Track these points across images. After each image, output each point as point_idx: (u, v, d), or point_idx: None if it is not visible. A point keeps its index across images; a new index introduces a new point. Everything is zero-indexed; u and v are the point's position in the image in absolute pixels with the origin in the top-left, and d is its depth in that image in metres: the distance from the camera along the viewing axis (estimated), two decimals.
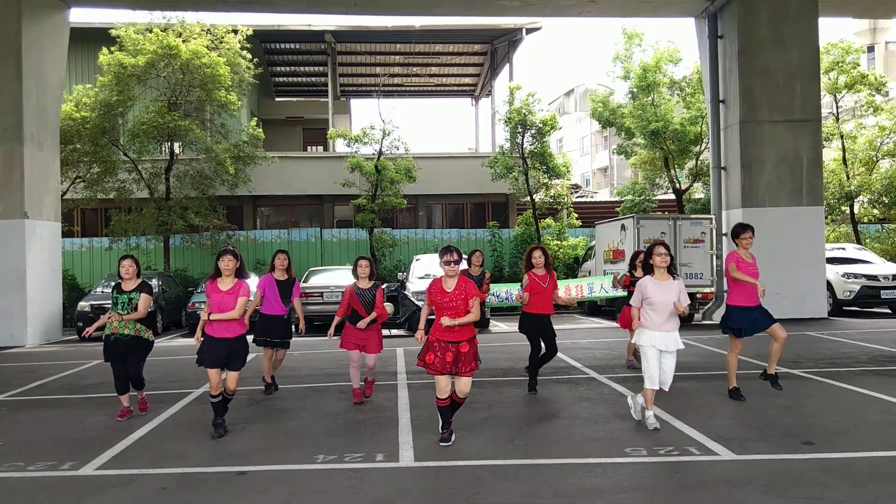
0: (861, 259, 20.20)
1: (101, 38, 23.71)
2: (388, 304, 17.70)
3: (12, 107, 17.16)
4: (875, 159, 26.27)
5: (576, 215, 26.94)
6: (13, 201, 17.15)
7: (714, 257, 18.24)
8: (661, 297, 7.21)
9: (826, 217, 21.35)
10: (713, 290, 18.05)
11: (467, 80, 37.47)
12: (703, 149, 25.38)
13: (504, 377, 10.55)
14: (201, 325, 7.56)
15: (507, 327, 17.89)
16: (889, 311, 19.77)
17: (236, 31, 23.72)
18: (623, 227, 19.08)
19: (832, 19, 22.19)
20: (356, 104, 45.39)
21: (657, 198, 27.93)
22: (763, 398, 8.56)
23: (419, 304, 17.67)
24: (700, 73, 23.30)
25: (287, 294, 9.56)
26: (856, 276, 19.07)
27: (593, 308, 21.43)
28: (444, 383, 6.85)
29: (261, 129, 24.60)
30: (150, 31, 22.16)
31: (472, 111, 39.92)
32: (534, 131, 24.91)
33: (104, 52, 22.12)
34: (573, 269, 24.22)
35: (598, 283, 18.18)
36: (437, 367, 6.78)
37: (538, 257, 9.31)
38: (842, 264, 19.55)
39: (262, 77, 27.08)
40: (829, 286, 18.99)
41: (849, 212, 26.14)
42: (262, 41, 29.64)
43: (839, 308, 19.18)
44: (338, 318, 9.05)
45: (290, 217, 30.72)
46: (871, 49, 50.76)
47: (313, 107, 38.07)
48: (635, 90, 25.90)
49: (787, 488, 5.46)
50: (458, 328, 6.76)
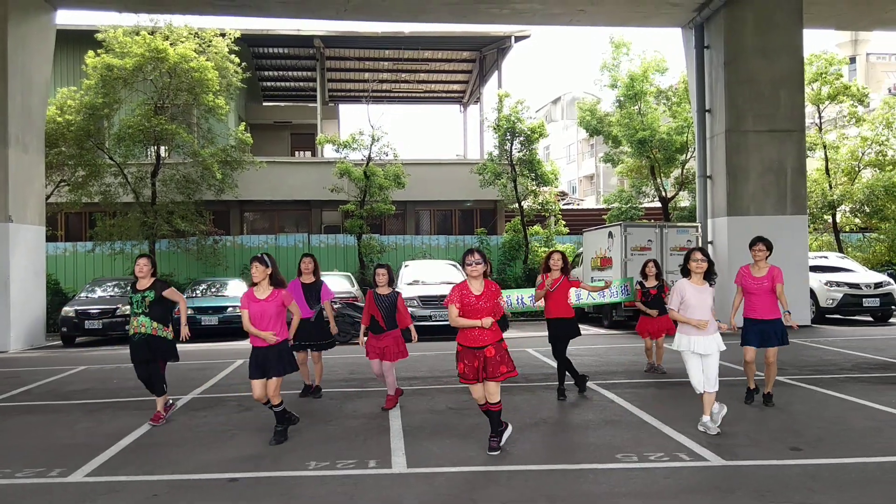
0: (843, 267, 20.38)
1: (86, 41, 23.56)
2: None
3: None
4: (857, 169, 26.52)
5: (563, 222, 27.04)
6: None
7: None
8: (698, 300, 7.34)
9: (809, 226, 21.52)
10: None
11: (456, 87, 37.56)
12: (688, 157, 25.56)
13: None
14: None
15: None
16: (871, 318, 19.95)
17: (224, 35, 23.66)
18: (610, 235, 19.17)
19: (815, 31, 22.34)
20: (344, 109, 45.42)
21: (643, 206, 28.07)
22: (749, 405, 8.63)
23: (410, 310, 17.64)
24: (686, 83, 23.47)
25: (313, 297, 9.54)
26: (838, 284, 19.24)
27: (580, 315, 21.43)
28: (478, 393, 6.78)
29: (249, 134, 24.54)
30: (138, 34, 22.06)
31: (460, 118, 40.03)
32: (522, 138, 25.01)
33: (91, 54, 22.00)
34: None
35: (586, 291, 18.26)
36: (469, 376, 6.69)
37: (555, 260, 9.33)
38: (824, 272, 19.73)
39: (250, 81, 27.02)
40: (812, 294, 19.15)
41: (831, 221, 26.37)
42: (250, 45, 29.59)
43: (822, 316, 19.33)
44: (363, 325, 8.98)
45: (277, 222, 30.64)
46: (852, 60, 51.28)
47: (301, 112, 38.02)
48: (622, 99, 26.04)
49: (777, 494, 5.51)
50: (483, 330, 6.61)
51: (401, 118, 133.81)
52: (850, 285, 19.16)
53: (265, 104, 39.72)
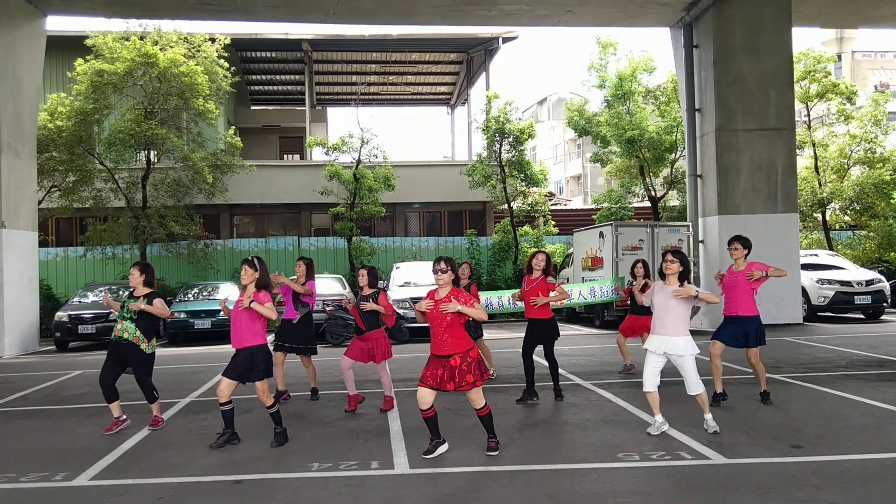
0: (834, 265, 20.52)
1: (76, 47, 23.48)
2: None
3: None
4: (846, 167, 26.70)
5: (553, 223, 27.10)
6: None
7: (692, 264, 18.44)
8: (658, 300, 7.38)
9: (799, 224, 21.65)
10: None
11: (443, 89, 37.58)
12: (678, 157, 25.67)
13: (490, 384, 10.59)
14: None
15: (498, 335, 17.93)
16: (862, 316, 20.08)
17: (214, 40, 23.63)
18: (601, 235, 19.24)
19: (802, 29, 22.47)
20: (333, 113, 45.47)
21: (633, 205, 28.16)
22: (748, 403, 8.71)
23: (400, 311, 17.68)
24: (675, 82, 23.59)
25: (298, 299, 9.55)
26: (830, 282, 19.37)
27: (571, 315, 21.57)
28: (422, 394, 6.68)
29: (238, 138, 24.51)
30: (127, 40, 22.00)
31: (448, 119, 40.04)
32: (511, 139, 25.05)
33: (80, 61, 21.92)
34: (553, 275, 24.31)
35: (577, 291, 18.31)
36: (427, 382, 6.65)
37: (538, 261, 9.33)
38: (816, 270, 19.86)
39: (238, 85, 26.99)
40: (804, 292, 19.27)
41: (821, 219, 26.53)
42: (238, 49, 29.54)
43: (813, 313, 19.46)
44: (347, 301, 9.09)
45: (267, 226, 30.60)
46: (838, 58, 51.68)
47: (290, 115, 37.96)
48: (610, 99, 26.12)
49: (781, 491, 5.56)
50: (444, 343, 6.60)
51: (389, 121, 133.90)
52: (842, 283, 19.28)
53: (254, 108, 39.67)
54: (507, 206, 25.68)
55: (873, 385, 9.68)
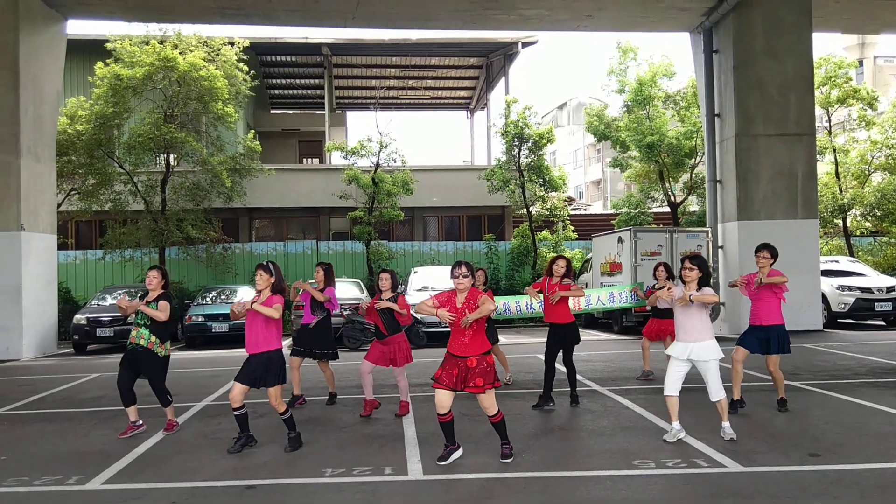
0: (855, 272, 20.31)
1: (96, 50, 23.67)
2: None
3: (9, 118, 17.14)
4: (867, 173, 26.44)
5: (572, 228, 27.02)
6: (9, 213, 17.10)
7: (710, 269, 18.30)
8: (680, 307, 7.37)
9: (819, 230, 21.44)
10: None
11: (463, 94, 37.61)
12: (697, 162, 25.50)
13: (506, 390, 10.56)
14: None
15: (516, 339, 17.88)
16: (883, 323, 19.86)
17: (233, 44, 23.74)
18: (620, 240, 19.14)
19: (823, 34, 22.50)
20: (352, 117, 45.63)
21: (652, 210, 28.02)
22: (766, 410, 8.62)
23: (418, 316, 17.67)
24: (695, 87, 23.45)
25: (317, 304, 9.53)
26: (850, 288, 19.17)
27: (590, 320, 21.47)
28: (441, 397, 6.62)
29: (257, 142, 24.61)
30: (147, 44, 22.16)
31: (467, 124, 40.06)
32: (530, 144, 24.99)
33: (100, 65, 22.10)
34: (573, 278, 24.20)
35: (595, 296, 18.25)
36: (443, 382, 6.59)
37: (559, 267, 9.31)
38: (836, 277, 19.65)
39: (257, 89, 27.10)
40: (824, 298, 19.08)
41: (841, 225, 26.28)
42: (258, 53, 29.69)
43: (834, 320, 19.26)
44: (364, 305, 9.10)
45: (286, 229, 30.70)
46: (860, 63, 51.22)
47: (309, 119, 38.13)
48: (630, 104, 26.01)
49: (797, 500, 5.49)
50: (462, 345, 6.58)
51: (408, 125, 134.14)
52: (862, 289, 19.08)
53: (273, 112, 39.84)
54: (525, 210, 25.60)
55: (893, 393, 9.55)
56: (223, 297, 20.29)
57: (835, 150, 25.95)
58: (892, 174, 25.80)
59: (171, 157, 23.56)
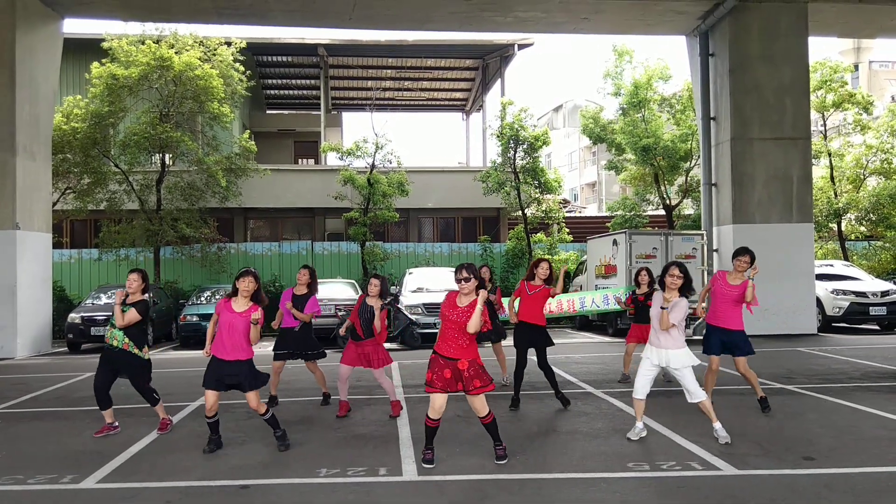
0: (849, 276, 20.37)
1: (92, 49, 23.63)
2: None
3: (5, 117, 17.10)
4: (862, 177, 26.53)
5: (567, 230, 27.05)
6: (5, 212, 17.06)
7: (706, 273, 18.36)
8: (655, 312, 7.40)
9: (814, 234, 21.50)
10: (703, 305, 18.10)
11: (459, 95, 37.59)
12: (692, 165, 25.55)
13: (500, 392, 10.55)
14: (208, 344, 7.41)
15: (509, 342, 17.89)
16: (877, 327, 19.91)
17: (229, 44, 23.73)
18: (615, 243, 19.17)
19: (819, 39, 22.51)
20: (348, 117, 45.50)
21: (647, 213, 28.07)
22: (759, 414, 8.62)
23: (412, 317, 17.68)
24: (690, 90, 23.51)
25: (300, 307, 9.50)
26: (845, 292, 19.22)
27: (584, 323, 21.50)
28: (439, 402, 6.59)
29: (253, 142, 24.59)
30: (143, 43, 22.14)
31: (463, 126, 40.07)
32: (525, 146, 25.00)
33: (95, 65, 22.07)
34: (564, 283, 24.24)
35: (590, 298, 18.34)
36: (437, 385, 6.55)
37: (543, 270, 9.33)
38: (830, 281, 19.71)
39: (253, 89, 27.07)
40: (819, 302, 19.13)
41: (836, 229, 26.35)
42: (254, 54, 29.64)
43: (828, 324, 19.32)
44: (347, 323, 9.02)
45: (281, 230, 30.67)
46: (855, 68, 51.41)
47: (305, 120, 38.09)
48: (626, 107, 26.05)
49: (791, 503, 5.50)
50: (456, 348, 6.53)
51: (404, 126, 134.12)
52: (857, 294, 19.13)
53: (269, 112, 39.81)
54: (521, 212, 25.62)
55: (887, 397, 9.57)
56: (218, 296, 20.26)
57: (830, 155, 26.03)
58: (887, 179, 25.89)
59: (167, 156, 23.54)
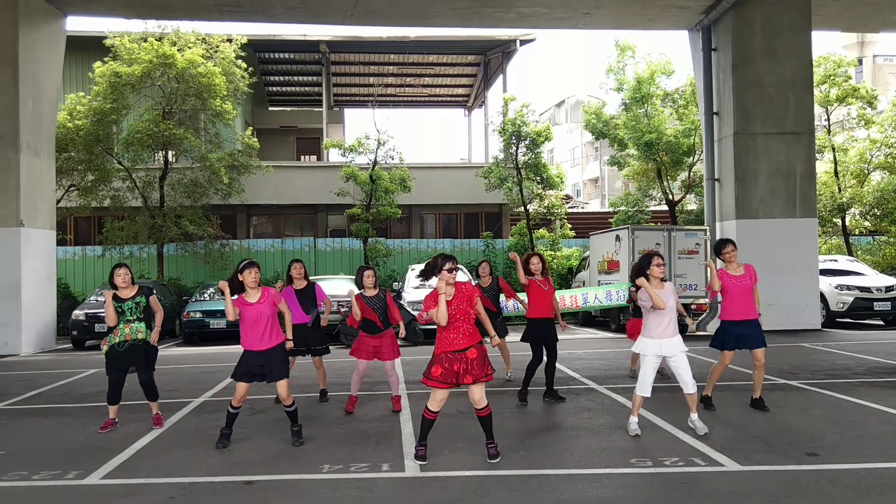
0: (853, 271, 20.33)
1: (95, 46, 23.69)
2: None
3: (9, 114, 17.15)
4: (866, 172, 26.47)
5: (569, 226, 27.03)
6: (9, 209, 17.11)
7: (708, 268, 18.31)
8: (653, 302, 7.40)
9: (818, 229, 21.46)
10: (707, 300, 18.13)
11: (461, 91, 37.59)
12: (695, 160, 25.52)
13: (503, 387, 10.57)
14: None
15: (513, 337, 17.89)
16: (882, 322, 19.88)
17: (231, 41, 23.74)
18: (618, 238, 19.15)
19: (822, 33, 22.56)
20: (350, 114, 45.59)
21: (650, 209, 28.04)
22: (764, 409, 8.60)
23: (415, 313, 17.67)
24: (693, 86, 23.45)
25: (308, 301, 9.53)
26: (849, 287, 19.18)
27: (587, 318, 21.49)
28: (442, 395, 6.57)
29: (255, 139, 24.61)
30: (145, 41, 22.16)
31: (465, 121, 40.12)
32: (528, 142, 24.99)
33: (98, 63, 22.10)
34: (567, 279, 24.28)
35: (593, 294, 18.32)
36: (448, 379, 6.47)
37: (535, 263, 9.39)
38: (835, 276, 19.67)
39: (255, 86, 27.11)
40: (823, 298, 19.09)
41: (840, 224, 26.31)
42: (256, 50, 29.67)
43: (832, 319, 19.27)
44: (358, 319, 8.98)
45: (283, 226, 30.70)
46: (859, 62, 51.30)
47: (307, 116, 38.12)
48: (628, 102, 26.02)
49: (795, 499, 5.50)
50: (463, 337, 6.48)
51: (406, 122, 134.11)
52: (861, 289, 19.09)
53: (271, 109, 39.85)
54: (523, 208, 25.62)
55: (891, 392, 9.55)
56: (221, 293, 20.27)
57: (834, 149, 25.99)
58: (892, 173, 25.84)
59: (170, 153, 23.59)
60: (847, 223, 26.37)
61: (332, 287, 18.95)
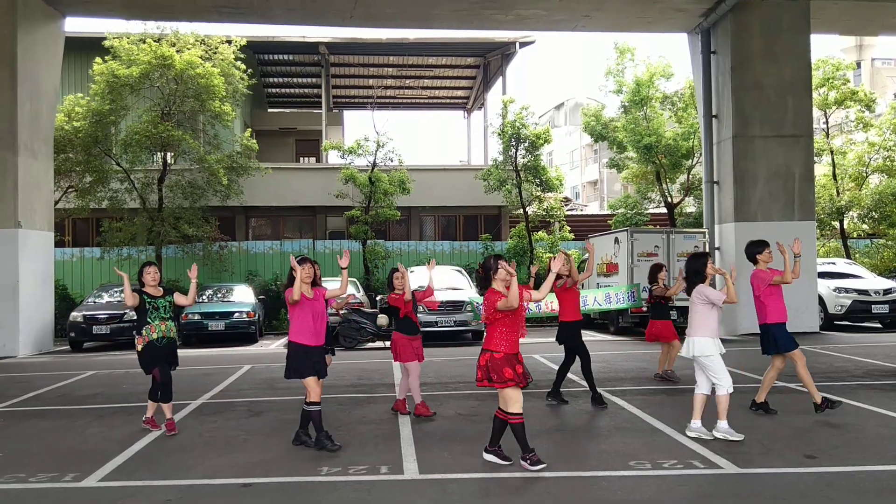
0: (851, 274, 20.34)
1: (94, 47, 23.62)
2: (382, 315, 17.65)
3: (6, 115, 17.11)
4: (864, 175, 26.50)
5: (568, 228, 27.03)
6: (6, 210, 17.07)
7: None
8: (717, 296, 7.59)
9: (816, 232, 21.47)
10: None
11: (460, 93, 37.58)
12: (694, 163, 25.53)
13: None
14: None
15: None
16: (880, 325, 19.88)
17: (230, 42, 23.72)
18: (617, 241, 19.16)
19: (821, 36, 22.54)
20: (349, 116, 45.60)
21: (649, 211, 28.04)
22: (763, 411, 8.60)
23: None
24: (692, 88, 23.46)
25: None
26: (847, 290, 19.18)
27: (587, 321, 21.44)
28: (520, 395, 6.44)
29: (254, 141, 24.59)
30: (144, 42, 22.14)
31: (464, 124, 40.07)
32: (527, 144, 24.99)
33: (98, 61, 22.08)
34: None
35: (592, 297, 18.30)
36: (521, 381, 6.38)
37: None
38: (833, 279, 19.68)
39: (255, 88, 27.08)
40: (821, 300, 19.09)
41: (839, 227, 26.33)
42: (255, 52, 29.64)
43: (830, 322, 19.27)
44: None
45: (282, 228, 30.67)
46: (858, 65, 51.32)
47: (306, 118, 38.10)
48: (628, 104, 26.03)
49: (794, 502, 5.49)
50: (517, 341, 6.43)
51: (405, 124, 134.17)
52: (859, 292, 19.10)
53: (270, 111, 39.82)
54: (522, 210, 25.62)
55: (890, 395, 9.55)
56: (219, 295, 20.30)
57: (832, 152, 26.01)
58: (890, 176, 25.86)
59: (168, 155, 23.53)
60: (845, 226, 26.39)
61: (332, 287, 18.93)
